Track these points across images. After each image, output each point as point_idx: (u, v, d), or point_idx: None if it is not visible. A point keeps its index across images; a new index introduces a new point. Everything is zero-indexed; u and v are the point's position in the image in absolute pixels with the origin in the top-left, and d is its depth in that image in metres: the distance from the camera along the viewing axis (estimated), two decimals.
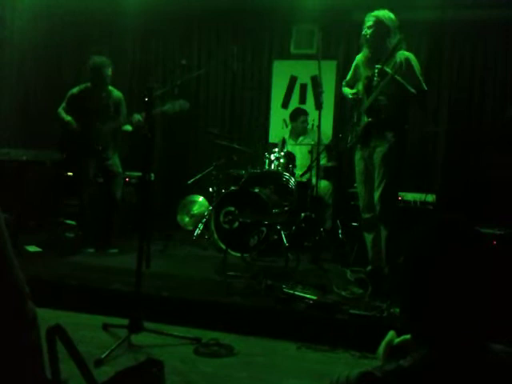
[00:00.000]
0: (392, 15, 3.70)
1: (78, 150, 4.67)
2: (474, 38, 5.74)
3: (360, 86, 3.86)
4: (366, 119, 3.76)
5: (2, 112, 5.65)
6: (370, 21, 3.69)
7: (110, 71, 4.69)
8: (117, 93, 4.80)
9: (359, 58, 3.93)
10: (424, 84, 3.67)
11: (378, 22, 3.65)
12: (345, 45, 6.14)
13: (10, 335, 1.05)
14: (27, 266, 1.58)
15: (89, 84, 4.72)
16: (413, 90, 3.60)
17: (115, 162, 4.81)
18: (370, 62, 3.77)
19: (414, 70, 3.65)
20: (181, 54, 6.14)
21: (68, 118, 4.65)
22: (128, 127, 4.72)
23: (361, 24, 3.78)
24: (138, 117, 4.50)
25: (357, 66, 3.95)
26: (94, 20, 6.21)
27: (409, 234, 1.06)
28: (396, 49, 3.64)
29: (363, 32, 3.75)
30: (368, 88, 3.75)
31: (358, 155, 3.91)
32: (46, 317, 1.35)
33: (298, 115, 5.82)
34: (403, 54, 3.66)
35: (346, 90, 4.03)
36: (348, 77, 4.07)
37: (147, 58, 6.62)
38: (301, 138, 5.79)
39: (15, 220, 3.99)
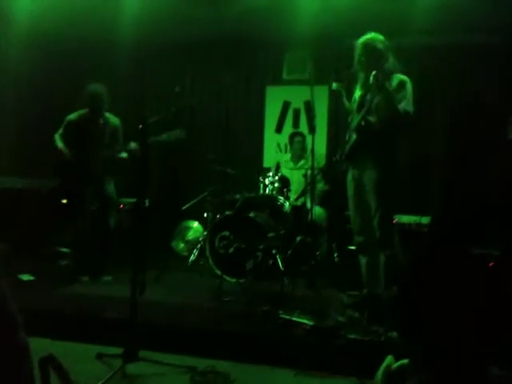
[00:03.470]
0: (381, 37, 3.66)
1: (73, 177, 4.67)
2: (464, 62, 5.82)
3: (354, 106, 3.84)
4: (354, 137, 3.74)
5: None
6: (359, 48, 3.66)
7: (106, 97, 4.71)
8: (114, 120, 4.82)
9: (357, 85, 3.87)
10: (412, 106, 3.57)
11: (368, 48, 3.62)
12: (337, 70, 6.20)
13: (3, 366, 1.03)
14: (20, 296, 1.56)
15: (86, 110, 4.75)
16: (400, 108, 3.51)
17: (110, 188, 4.81)
18: (365, 84, 3.71)
19: (406, 92, 3.57)
20: (174, 82, 6.19)
21: (60, 144, 4.66)
22: (123, 154, 4.72)
23: (352, 49, 3.79)
24: (133, 145, 4.50)
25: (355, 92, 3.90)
26: (88, 48, 6.26)
27: (403, 258, 1.06)
28: (391, 72, 3.61)
29: (356, 59, 3.70)
30: (360, 106, 3.72)
31: (349, 176, 3.86)
32: (39, 347, 1.33)
33: (293, 136, 5.95)
34: (398, 78, 3.62)
35: (346, 103, 3.99)
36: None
37: (141, 87, 6.67)
38: (302, 162, 5.82)
39: (8, 249, 3.96)
